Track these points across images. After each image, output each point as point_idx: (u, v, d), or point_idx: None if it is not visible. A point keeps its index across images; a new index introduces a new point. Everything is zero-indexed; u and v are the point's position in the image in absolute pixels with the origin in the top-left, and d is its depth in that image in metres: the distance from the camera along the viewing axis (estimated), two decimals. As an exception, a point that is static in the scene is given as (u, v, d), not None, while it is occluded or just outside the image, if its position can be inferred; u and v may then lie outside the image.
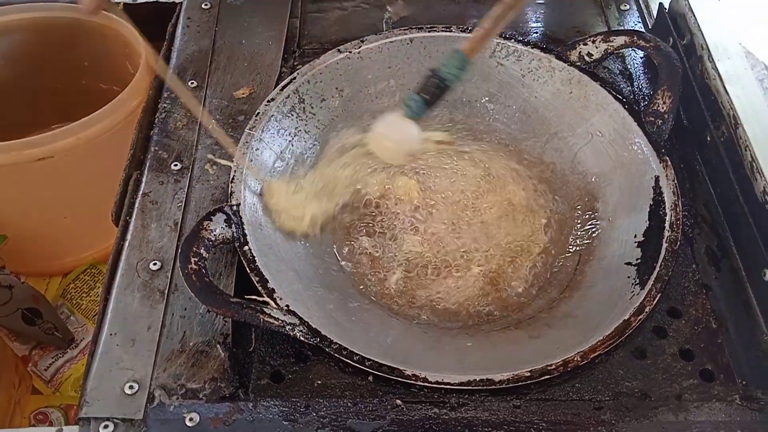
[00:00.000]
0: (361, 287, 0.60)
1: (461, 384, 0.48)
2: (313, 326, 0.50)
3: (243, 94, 0.69)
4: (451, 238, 0.63)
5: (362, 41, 0.68)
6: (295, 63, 0.73)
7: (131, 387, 0.49)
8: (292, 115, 0.65)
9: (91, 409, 0.49)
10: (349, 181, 0.65)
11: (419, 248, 0.62)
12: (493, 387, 0.48)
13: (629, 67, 0.72)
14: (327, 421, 0.48)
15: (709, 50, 0.65)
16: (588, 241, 0.62)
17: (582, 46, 0.67)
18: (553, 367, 0.49)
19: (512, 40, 0.68)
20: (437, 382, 0.48)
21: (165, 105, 0.68)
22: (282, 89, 0.65)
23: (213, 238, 0.53)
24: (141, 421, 0.48)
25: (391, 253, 0.62)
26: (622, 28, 0.77)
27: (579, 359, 0.49)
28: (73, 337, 0.93)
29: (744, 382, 0.51)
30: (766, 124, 0.60)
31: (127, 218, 0.60)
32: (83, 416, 0.48)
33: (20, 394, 0.88)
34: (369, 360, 0.49)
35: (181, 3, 0.77)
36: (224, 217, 0.55)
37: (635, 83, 0.71)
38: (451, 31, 0.69)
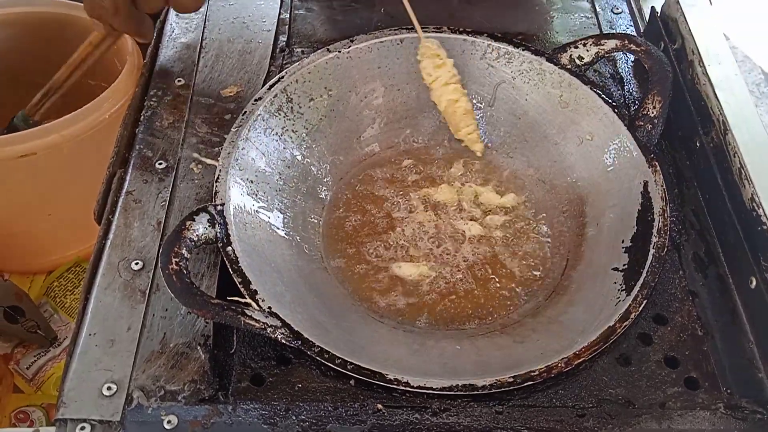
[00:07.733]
0: (347, 289, 0.59)
1: (443, 389, 0.48)
2: (295, 329, 0.50)
3: (230, 92, 0.68)
4: (438, 241, 0.62)
5: (352, 41, 0.67)
6: (284, 62, 0.72)
7: (109, 388, 0.49)
8: (280, 114, 0.64)
9: (68, 410, 0.48)
10: None
11: (407, 252, 0.62)
12: (475, 392, 0.48)
13: (620, 70, 0.72)
14: (307, 425, 0.47)
15: (700, 55, 0.65)
16: (575, 245, 0.61)
17: (573, 49, 0.66)
18: (537, 373, 0.48)
19: (503, 42, 0.67)
20: (419, 387, 0.48)
21: (151, 103, 0.67)
22: (270, 88, 0.64)
23: (195, 238, 0.53)
24: (118, 423, 0.47)
25: (379, 256, 0.61)
26: (613, 31, 0.77)
27: (563, 365, 0.49)
28: (56, 335, 0.91)
29: (729, 391, 0.51)
30: (756, 130, 0.59)
31: (110, 217, 0.59)
32: (60, 417, 0.48)
33: (1, 393, 0.87)
34: (351, 363, 0.48)
35: (170, -1, 0.76)
36: (207, 216, 0.54)
37: (626, 87, 0.71)
38: (442, 32, 0.68)
